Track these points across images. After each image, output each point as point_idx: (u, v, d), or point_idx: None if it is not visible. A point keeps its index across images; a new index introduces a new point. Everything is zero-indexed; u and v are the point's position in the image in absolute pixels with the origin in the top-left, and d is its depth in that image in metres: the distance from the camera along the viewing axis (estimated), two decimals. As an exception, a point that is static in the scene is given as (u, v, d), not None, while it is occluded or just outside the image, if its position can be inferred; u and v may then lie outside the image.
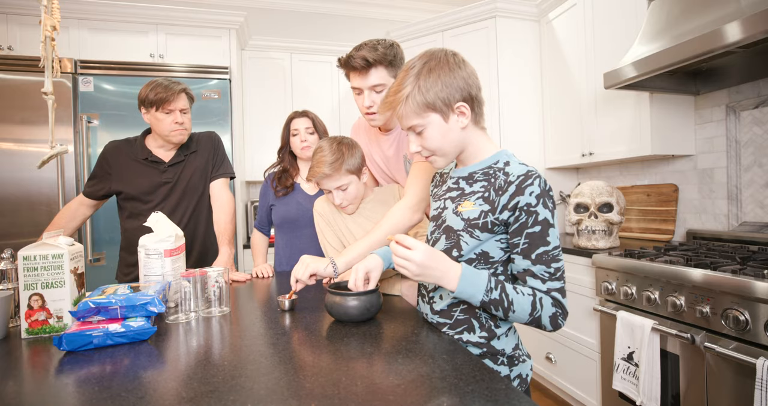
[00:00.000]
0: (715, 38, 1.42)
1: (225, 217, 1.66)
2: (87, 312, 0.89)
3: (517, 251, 0.83)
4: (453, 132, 0.87)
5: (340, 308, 0.96)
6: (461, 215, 0.89)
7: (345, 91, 3.43)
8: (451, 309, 0.91)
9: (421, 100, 0.83)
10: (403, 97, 0.85)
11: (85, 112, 2.47)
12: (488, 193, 0.86)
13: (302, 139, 1.74)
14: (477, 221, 0.85)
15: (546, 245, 0.80)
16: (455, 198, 0.93)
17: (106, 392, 0.65)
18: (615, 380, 1.63)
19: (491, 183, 0.87)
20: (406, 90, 0.85)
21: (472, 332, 0.88)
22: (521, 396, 0.61)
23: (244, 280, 1.54)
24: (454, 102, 0.84)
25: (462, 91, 0.85)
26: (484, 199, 0.86)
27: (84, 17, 2.62)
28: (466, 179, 0.93)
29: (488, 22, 2.78)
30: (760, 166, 1.81)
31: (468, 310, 0.89)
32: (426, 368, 0.71)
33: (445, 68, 0.85)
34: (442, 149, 0.88)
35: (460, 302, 0.89)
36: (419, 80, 0.84)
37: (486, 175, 0.89)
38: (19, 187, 2.36)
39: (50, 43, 1.28)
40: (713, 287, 1.35)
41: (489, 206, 0.84)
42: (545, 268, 0.81)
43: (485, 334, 0.88)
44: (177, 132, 1.58)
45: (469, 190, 0.91)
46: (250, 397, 0.62)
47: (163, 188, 1.61)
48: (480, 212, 0.85)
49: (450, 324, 0.91)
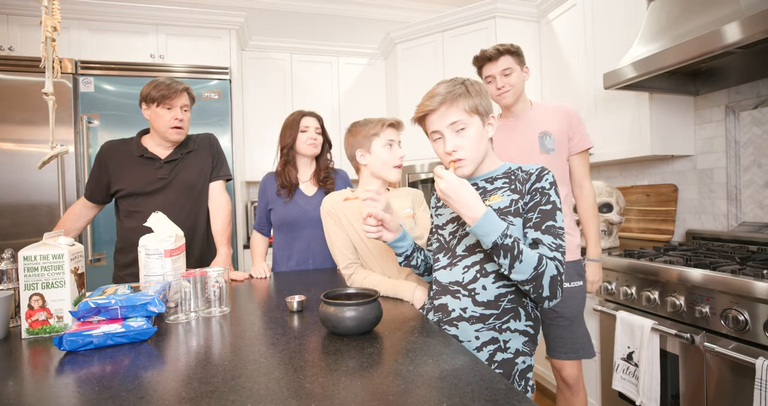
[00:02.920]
0: (715, 39, 1.42)
1: (222, 218, 1.67)
2: (87, 312, 0.89)
3: (530, 225, 0.93)
4: (484, 138, 0.98)
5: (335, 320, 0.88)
6: (492, 207, 0.96)
7: (345, 91, 3.43)
8: (498, 299, 0.95)
9: (471, 102, 0.95)
10: (452, 96, 0.95)
11: (85, 112, 2.47)
12: (514, 185, 0.97)
13: (312, 136, 1.74)
14: (509, 208, 0.95)
15: (554, 221, 0.92)
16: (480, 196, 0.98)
17: (106, 392, 0.65)
18: (615, 380, 1.64)
19: (512, 180, 0.99)
20: (458, 90, 0.96)
21: (518, 319, 0.95)
22: (521, 396, 0.61)
23: (242, 279, 1.54)
24: (490, 112, 0.99)
25: (491, 108, 1.00)
26: (511, 191, 0.97)
27: (84, 18, 2.62)
28: (488, 180, 1.02)
29: (488, 22, 2.78)
30: (759, 166, 1.81)
31: (515, 299, 0.95)
32: (426, 369, 0.71)
33: (484, 87, 1.00)
34: (475, 152, 0.97)
35: (508, 292, 0.95)
36: (470, 87, 0.97)
37: (506, 175, 1.01)
38: (20, 188, 2.36)
39: (51, 44, 1.28)
40: (713, 287, 1.35)
41: (517, 195, 0.96)
42: (553, 239, 0.90)
43: (531, 322, 0.96)
44: (175, 130, 1.58)
45: (492, 187, 1.00)
46: (250, 397, 0.62)
47: (159, 184, 1.60)
48: (510, 200, 0.96)
49: (497, 314, 0.95)
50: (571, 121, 1.56)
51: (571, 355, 1.54)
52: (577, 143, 1.57)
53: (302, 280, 1.51)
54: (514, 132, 1.61)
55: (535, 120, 1.59)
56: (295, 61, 3.30)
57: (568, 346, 1.54)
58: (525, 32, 2.82)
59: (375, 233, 1.06)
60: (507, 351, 0.94)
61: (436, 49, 3.01)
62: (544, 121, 1.58)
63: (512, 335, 0.94)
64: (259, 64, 3.22)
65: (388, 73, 3.44)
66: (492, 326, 0.94)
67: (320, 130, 1.79)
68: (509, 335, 0.94)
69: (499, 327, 0.94)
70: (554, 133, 1.55)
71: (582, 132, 1.58)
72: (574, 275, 1.56)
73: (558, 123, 1.56)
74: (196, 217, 1.68)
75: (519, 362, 0.94)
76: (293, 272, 1.69)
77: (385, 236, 1.07)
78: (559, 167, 1.57)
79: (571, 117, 1.57)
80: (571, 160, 1.60)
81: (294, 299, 1.11)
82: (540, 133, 1.56)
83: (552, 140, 1.55)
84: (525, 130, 1.59)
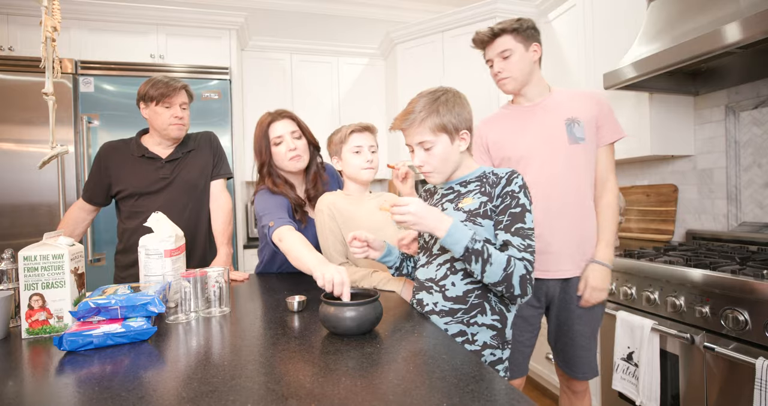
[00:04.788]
0: (715, 39, 1.42)
1: (223, 217, 1.67)
2: (87, 312, 0.89)
3: (501, 227, 0.98)
4: (453, 154, 1.04)
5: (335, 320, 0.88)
6: (462, 209, 1.03)
7: (345, 91, 3.43)
8: (466, 295, 1.01)
9: (439, 122, 1.00)
10: (421, 117, 1.00)
11: (85, 112, 2.47)
12: (484, 188, 1.03)
13: (290, 147, 1.42)
14: (479, 210, 1.00)
15: (524, 223, 0.97)
16: (453, 199, 1.07)
17: (107, 392, 0.65)
18: (615, 380, 1.64)
19: (483, 183, 1.04)
20: (424, 112, 1.00)
21: (484, 314, 1.00)
22: (521, 396, 0.61)
23: (242, 279, 1.54)
24: (461, 129, 1.03)
25: (467, 122, 1.04)
26: (481, 194, 1.02)
27: (84, 18, 2.62)
28: (461, 184, 1.08)
29: (488, 22, 2.78)
30: (759, 166, 1.81)
31: (481, 295, 1.01)
32: (426, 368, 0.71)
33: (458, 102, 1.03)
34: (442, 166, 1.04)
35: (474, 288, 1.00)
36: (438, 105, 1.00)
37: (478, 179, 1.06)
38: (20, 188, 2.36)
39: (51, 44, 1.28)
40: (713, 287, 1.35)
41: (486, 197, 1.01)
42: (521, 240, 0.96)
43: (497, 317, 1.01)
44: (175, 126, 1.58)
45: (465, 190, 1.06)
46: (250, 397, 0.62)
47: (161, 184, 1.60)
48: (479, 202, 1.01)
49: (465, 309, 1.00)
50: (602, 109, 1.40)
51: (588, 375, 1.43)
52: (607, 134, 1.41)
53: (302, 280, 1.51)
54: (530, 120, 1.43)
55: (559, 106, 1.42)
56: (295, 61, 3.30)
57: (586, 365, 1.42)
58: (525, 32, 2.82)
59: (362, 253, 1.12)
60: (475, 343, 1.01)
61: (436, 49, 3.01)
62: (571, 107, 1.41)
63: (479, 328, 1.01)
64: (259, 64, 3.22)
65: (388, 73, 3.44)
66: (460, 320, 1.01)
67: (298, 134, 1.46)
68: (477, 328, 1.01)
69: (467, 321, 1.01)
70: (583, 120, 1.39)
71: (612, 121, 1.42)
72: None
73: (587, 109, 1.40)
74: (198, 216, 1.67)
75: (486, 354, 1.01)
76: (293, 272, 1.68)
77: (371, 255, 1.14)
78: (592, 159, 1.41)
79: (602, 104, 1.41)
80: (599, 151, 1.43)
81: (294, 299, 1.11)
82: (566, 120, 1.39)
83: (581, 128, 1.38)
84: (545, 116, 1.42)
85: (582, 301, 1.38)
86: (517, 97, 1.51)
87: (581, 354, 1.41)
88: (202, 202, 1.68)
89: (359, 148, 1.37)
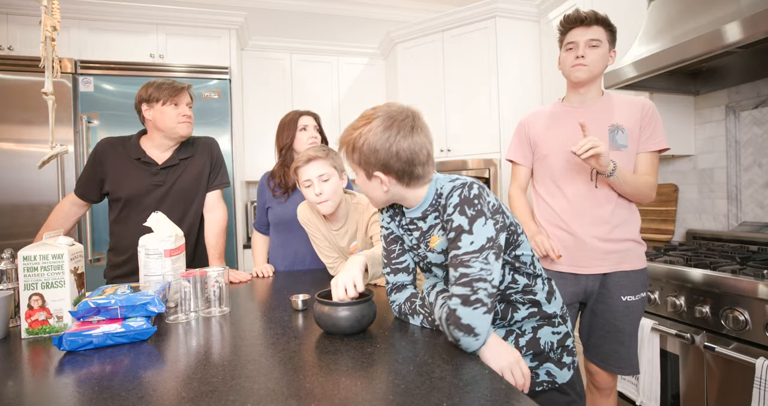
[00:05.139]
0: (715, 38, 1.42)
1: (216, 230, 1.63)
2: (87, 312, 0.89)
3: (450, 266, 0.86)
4: (376, 191, 0.92)
5: (329, 319, 0.89)
6: (435, 250, 0.94)
7: (345, 91, 3.43)
8: None
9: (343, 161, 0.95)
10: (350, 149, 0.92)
11: (85, 112, 2.47)
12: (440, 218, 0.91)
13: (312, 135, 1.74)
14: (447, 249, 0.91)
15: (457, 249, 0.83)
16: (419, 238, 0.97)
17: (106, 392, 0.65)
18: (615, 380, 1.64)
19: (440, 213, 0.91)
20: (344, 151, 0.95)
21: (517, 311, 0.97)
22: (521, 396, 0.61)
23: (246, 280, 1.53)
24: (372, 171, 0.88)
25: (383, 164, 0.87)
26: (442, 228, 0.91)
27: (84, 17, 2.62)
28: (420, 219, 0.95)
29: (488, 22, 2.78)
30: (759, 166, 1.81)
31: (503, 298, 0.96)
32: (426, 368, 0.71)
33: (380, 143, 0.86)
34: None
35: None
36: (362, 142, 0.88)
37: (433, 208, 0.93)
38: (20, 188, 2.36)
39: (50, 44, 1.28)
40: (713, 287, 1.35)
41: (444, 232, 0.90)
42: (462, 289, 0.81)
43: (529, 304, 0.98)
44: (185, 124, 1.55)
45: (427, 226, 0.95)
46: (250, 397, 0.62)
47: (155, 191, 1.55)
48: (446, 240, 0.90)
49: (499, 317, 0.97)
50: (645, 114, 1.37)
51: (626, 370, 1.38)
52: (648, 140, 1.37)
53: (302, 279, 1.51)
54: (573, 121, 1.40)
55: (605, 111, 1.40)
56: (295, 60, 3.30)
57: (624, 360, 1.37)
58: (525, 32, 2.82)
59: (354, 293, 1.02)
60: (525, 335, 0.98)
61: (436, 48, 3.01)
62: (615, 112, 1.38)
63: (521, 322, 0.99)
64: (259, 64, 3.22)
65: (388, 73, 3.44)
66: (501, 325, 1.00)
67: (318, 129, 1.78)
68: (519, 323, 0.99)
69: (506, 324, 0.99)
70: (627, 127, 1.36)
71: (657, 129, 1.37)
72: (638, 286, 1.36)
73: (632, 115, 1.37)
74: (190, 229, 1.61)
75: (544, 335, 0.98)
76: (293, 272, 1.69)
77: None
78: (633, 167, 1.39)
79: (645, 109, 1.37)
80: (637, 157, 1.39)
81: (299, 297, 1.11)
82: (610, 126, 1.37)
83: (624, 136, 1.36)
84: (593, 122, 1.38)
85: (576, 146, 1.25)
86: (571, 95, 1.48)
87: (618, 349, 1.38)
88: (197, 211, 1.63)
89: (309, 182, 1.37)
